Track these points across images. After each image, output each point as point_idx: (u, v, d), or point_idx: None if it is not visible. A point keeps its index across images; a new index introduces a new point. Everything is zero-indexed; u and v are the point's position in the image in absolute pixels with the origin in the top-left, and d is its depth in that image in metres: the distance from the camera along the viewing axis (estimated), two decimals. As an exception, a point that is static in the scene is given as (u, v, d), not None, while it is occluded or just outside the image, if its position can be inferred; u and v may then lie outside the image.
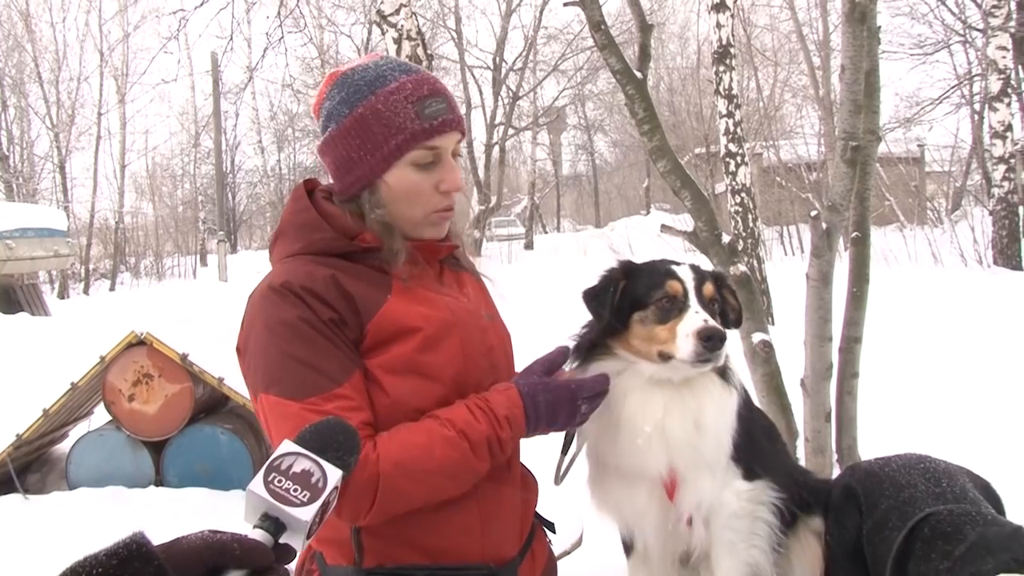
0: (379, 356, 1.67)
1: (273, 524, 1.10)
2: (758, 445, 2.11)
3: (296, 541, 1.12)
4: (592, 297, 2.06)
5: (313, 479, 1.14)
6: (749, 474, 2.06)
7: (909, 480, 2.02)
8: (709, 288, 2.00)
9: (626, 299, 2.01)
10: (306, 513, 1.11)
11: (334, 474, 1.16)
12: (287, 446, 1.17)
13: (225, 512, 4.73)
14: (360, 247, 1.74)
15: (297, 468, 1.14)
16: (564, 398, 1.73)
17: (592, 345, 2.05)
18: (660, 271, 2.03)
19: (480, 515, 1.71)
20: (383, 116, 1.71)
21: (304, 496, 1.11)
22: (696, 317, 1.92)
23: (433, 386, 1.68)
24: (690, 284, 1.98)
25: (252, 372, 1.67)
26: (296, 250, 1.75)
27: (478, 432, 1.63)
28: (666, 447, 1.97)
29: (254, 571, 1.03)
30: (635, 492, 2.06)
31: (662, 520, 2.07)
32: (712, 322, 1.90)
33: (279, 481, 1.12)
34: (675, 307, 1.96)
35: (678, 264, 2.05)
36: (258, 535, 1.08)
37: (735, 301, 2.12)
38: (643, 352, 1.98)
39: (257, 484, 1.12)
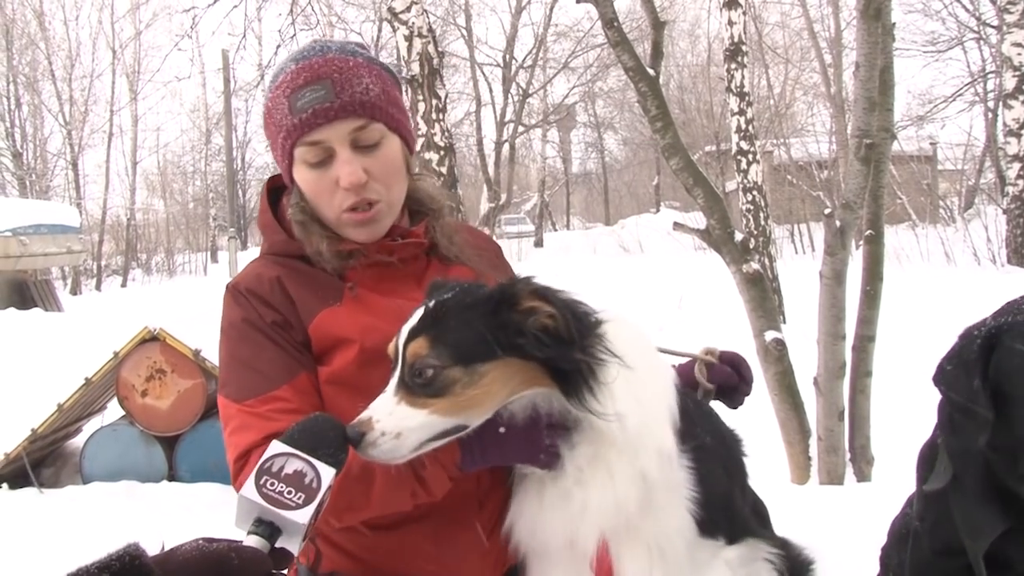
0: (324, 366, 1.61)
1: (268, 529, 1.07)
2: (731, 499, 1.63)
3: (292, 545, 1.09)
4: None
5: (306, 480, 1.11)
6: (734, 536, 1.60)
7: None
8: (416, 348, 1.41)
9: None
10: (302, 516, 1.08)
11: (327, 473, 1.13)
12: (277, 446, 1.14)
13: (237, 507, 4.75)
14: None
15: (289, 469, 1.11)
16: (521, 425, 1.48)
17: None
18: None
19: (436, 538, 1.62)
20: (271, 114, 1.63)
21: (299, 498, 1.09)
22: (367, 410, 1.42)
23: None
24: (401, 346, 1.45)
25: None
26: (264, 250, 1.74)
27: None
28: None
29: None
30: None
31: None
32: (363, 416, 1.39)
33: (271, 484, 1.09)
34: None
35: (434, 299, 1.49)
36: (253, 541, 1.06)
37: (552, 319, 1.42)
38: None
39: (249, 488, 1.08)
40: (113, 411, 5.87)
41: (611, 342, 1.46)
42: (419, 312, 1.47)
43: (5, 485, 5.23)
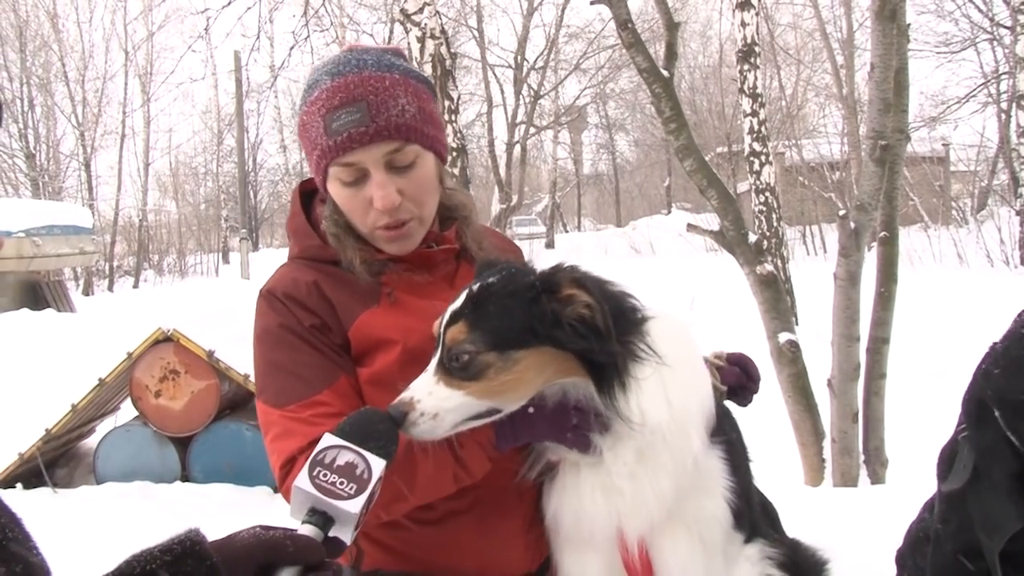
0: (364, 367, 1.63)
1: (321, 519, 1.11)
2: (751, 496, 1.70)
3: (345, 534, 1.13)
4: None
5: (358, 471, 1.15)
6: (749, 535, 1.65)
7: None
8: (455, 332, 1.45)
9: None
10: (354, 506, 1.12)
11: (378, 464, 1.17)
12: (329, 439, 1.19)
13: (250, 507, 4.77)
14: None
15: (341, 461, 1.16)
16: (549, 407, 1.52)
17: None
18: None
19: (481, 530, 1.64)
20: (307, 129, 1.63)
21: (351, 488, 1.13)
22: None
23: None
24: (442, 328, 1.49)
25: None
26: (295, 254, 1.76)
27: None
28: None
29: (306, 568, 1.03)
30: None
31: None
32: (405, 396, 1.44)
33: (324, 475, 1.14)
34: None
35: (478, 282, 1.52)
36: (307, 531, 1.10)
37: (586, 309, 1.44)
38: None
39: (303, 480, 1.13)
40: (127, 412, 5.89)
41: (653, 340, 1.49)
42: (464, 294, 1.50)
43: (19, 485, 5.26)
